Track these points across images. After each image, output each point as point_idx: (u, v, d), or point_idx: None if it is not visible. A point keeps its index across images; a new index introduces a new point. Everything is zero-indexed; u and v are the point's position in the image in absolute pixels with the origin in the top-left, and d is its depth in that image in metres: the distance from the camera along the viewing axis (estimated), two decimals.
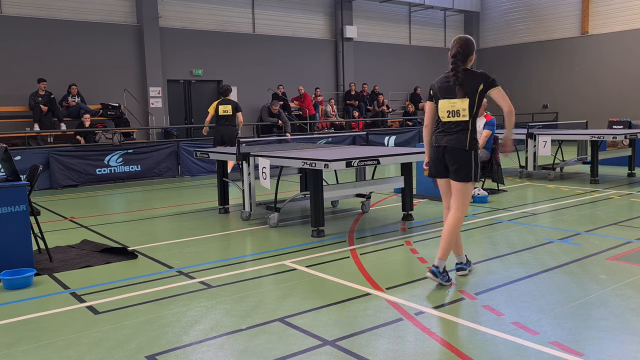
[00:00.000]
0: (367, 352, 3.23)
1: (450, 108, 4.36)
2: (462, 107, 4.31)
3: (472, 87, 4.29)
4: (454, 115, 4.36)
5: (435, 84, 4.49)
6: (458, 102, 4.32)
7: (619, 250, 5.29)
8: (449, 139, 4.39)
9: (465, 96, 4.30)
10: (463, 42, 4.35)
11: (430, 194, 8.76)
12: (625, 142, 11.19)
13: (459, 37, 4.42)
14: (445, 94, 4.38)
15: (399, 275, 4.76)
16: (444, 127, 4.44)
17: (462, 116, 4.33)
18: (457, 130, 4.36)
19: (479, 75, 4.33)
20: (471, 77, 4.31)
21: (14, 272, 4.75)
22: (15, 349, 3.42)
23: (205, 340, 3.47)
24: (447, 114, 4.38)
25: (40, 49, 14.04)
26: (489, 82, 4.30)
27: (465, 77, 4.30)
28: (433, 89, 4.50)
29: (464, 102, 4.30)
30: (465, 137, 4.35)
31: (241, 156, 6.90)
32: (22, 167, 9.15)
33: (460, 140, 4.35)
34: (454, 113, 4.35)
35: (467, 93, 4.29)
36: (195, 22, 16.61)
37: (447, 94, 4.37)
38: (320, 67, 19.32)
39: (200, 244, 6.14)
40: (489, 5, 23.43)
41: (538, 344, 3.27)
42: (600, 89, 20.22)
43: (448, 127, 4.40)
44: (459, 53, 4.31)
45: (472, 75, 4.32)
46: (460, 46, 4.33)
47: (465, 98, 4.30)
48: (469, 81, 4.30)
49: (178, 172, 12.89)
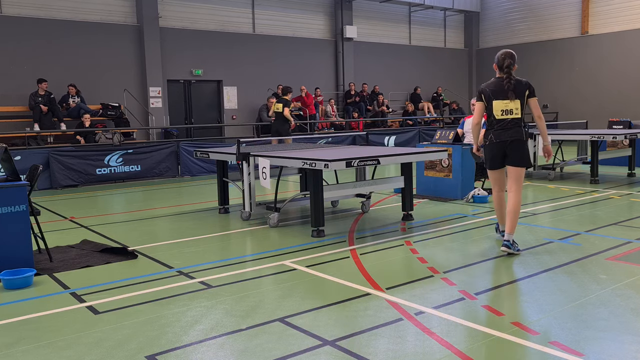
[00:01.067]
0: (367, 352, 3.23)
1: (504, 107, 5.33)
2: (515, 107, 5.31)
3: (522, 91, 5.32)
4: (508, 114, 5.32)
5: (487, 88, 5.42)
6: (511, 103, 5.31)
7: (619, 250, 5.29)
8: (510, 134, 5.33)
9: (517, 98, 5.30)
10: (512, 55, 5.39)
11: (430, 194, 8.77)
12: (625, 142, 11.18)
13: (507, 51, 5.41)
14: (499, 95, 5.34)
15: (399, 275, 4.76)
16: (500, 124, 5.37)
17: (515, 114, 5.32)
18: (513, 126, 5.33)
19: (525, 83, 5.38)
20: (519, 83, 5.35)
21: (14, 272, 4.75)
22: (15, 349, 3.42)
23: (205, 340, 3.47)
24: (501, 113, 5.34)
25: (40, 49, 14.04)
26: (532, 90, 5.39)
27: (515, 83, 5.32)
28: (484, 92, 5.42)
29: (517, 103, 5.31)
30: (522, 131, 5.36)
31: (241, 156, 6.90)
32: (22, 167, 9.15)
33: (520, 133, 5.34)
34: (508, 112, 5.32)
35: (518, 95, 5.30)
36: (195, 22, 16.61)
37: (500, 95, 5.33)
38: (320, 67, 19.33)
39: (200, 244, 6.14)
40: (489, 5, 23.43)
41: (538, 344, 3.27)
42: (600, 89, 20.22)
43: (505, 124, 5.35)
44: (511, 64, 5.33)
45: (519, 82, 5.35)
46: (510, 57, 5.35)
47: (517, 99, 5.30)
48: (519, 86, 5.32)
49: (178, 172, 12.89)
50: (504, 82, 5.31)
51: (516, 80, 5.33)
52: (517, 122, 5.32)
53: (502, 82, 5.32)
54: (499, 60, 5.39)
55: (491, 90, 5.36)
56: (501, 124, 5.33)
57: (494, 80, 5.44)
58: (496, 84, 5.38)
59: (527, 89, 5.32)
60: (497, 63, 5.41)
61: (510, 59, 5.35)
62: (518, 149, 5.34)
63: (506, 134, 5.32)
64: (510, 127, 5.32)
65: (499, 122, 5.34)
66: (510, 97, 5.28)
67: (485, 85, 5.48)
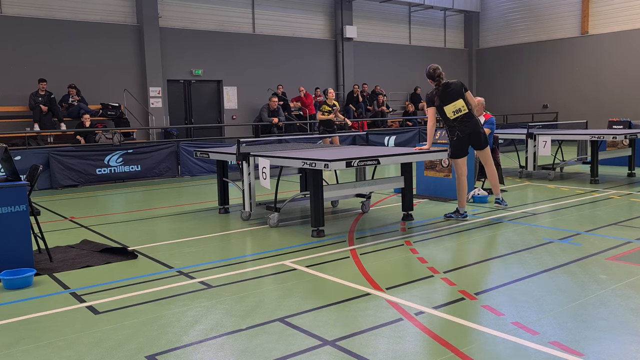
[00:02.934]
0: (367, 352, 3.23)
1: (454, 108, 6.74)
2: (461, 105, 6.75)
3: (459, 91, 6.76)
4: (458, 112, 6.75)
5: (434, 98, 6.80)
6: (457, 103, 6.74)
7: (619, 250, 5.29)
8: (469, 127, 6.79)
9: (458, 98, 6.74)
10: (438, 66, 6.84)
11: (430, 194, 8.77)
12: (625, 142, 11.18)
13: (434, 65, 6.84)
14: (446, 101, 6.75)
15: (399, 275, 4.76)
16: (457, 121, 6.78)
17: (463, 111, 6.75)
18: (468, 120, 6.77)
19: (458, 82, 6.82)
20: (454, 85, 6.78)
21: (14, 272, 4.75)
22: (15, 349, 3.42)
23: (205, 340, 3.47)
24: (453, 113, 6.74)
25: (40, 49, 14.04)
26: (465, 87, 6.84)
27: (452, 86, 6.75)
28: (434, 102, 6.82)
29: (461, 102, 6.74)
30: (476, 121, 6.91)
31: (241, 156, 6.90)
32: (22, 167, 9.15)
33: (476, 125, 6.87)
34: (457, 111, 6.75)
35: (459, 95, 6.76)
36: (195, 22, 16.61)
37: (447, 101, 6.76)
38: (320, 67, 19.32)
39: (200, 244, 6.14)
40: (489, 5, 23.42)
41: (538, 344, 3.27)
42: (600, 89, 20.22)
43: (461, 121, 6.76)
44: (440, 73, 6.77)
45: (454, 84, 6.78)
46: (439, 69, 6.79)
47: (460, 99, 6.74)
48: (455, 87, 6.76)
49: (178, 172, 12.89)
50: (440, 89, 6.74)
51: (451, 83, 6.74)
52: (469, 115, 6.75)
53: (440, 89, 6.74)
54: (430, 74, 6.77)
55: (439, 99, 6.75)
56: (459, 121, 6.74)
57: (435, 91, 6.79)
58: (438, 93, 6.76)
59: (461, 87, 6.77)
60: (430, 76, 6.78)
61: (439, 70, 6.79)
62: (479, 137, 6.88)
63: (467, 128, 6.75)
64: (467, 121, 6.74)
65: (455, 120, 6.75)
66: (455, 99, 6.71)
67: (431, 95, 6.85)
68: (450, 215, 7.02)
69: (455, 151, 6.83)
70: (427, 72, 6.84)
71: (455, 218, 6.95)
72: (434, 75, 6.77)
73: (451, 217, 6.99)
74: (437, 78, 6.72)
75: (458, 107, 6.68)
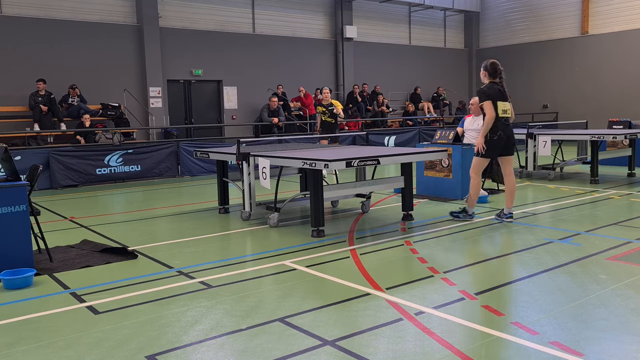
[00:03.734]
0: (367, 352, 3.23)
1: (504, 107, 6.51)
2: (510, 107, 6.60)
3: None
4: (505, 113, 6.56)
5: (490, 91, 6.48)
6: (507, 104, 6.55)
7: (619, 250, 5.29)
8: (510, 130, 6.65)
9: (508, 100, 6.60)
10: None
11: (430, 194, 8.77)
12: (625, 142, 11.18)
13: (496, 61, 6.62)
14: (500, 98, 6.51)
15: (399, 275, 4.76)
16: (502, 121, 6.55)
17: (509, 114, 6.60)
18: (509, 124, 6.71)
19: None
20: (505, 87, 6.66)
21: (14, 272, 4.75)
22: (15, 349, 3.42)
23: (205, 340, 3.47)
24: (502, 112, 6.50)
25: (40, 49, 14.03)
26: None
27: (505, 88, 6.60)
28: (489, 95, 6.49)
29: (510, 104, 6.62)
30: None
31: (241, 156, 6.90)
32: (22, 167, 9.15)
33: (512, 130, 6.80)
34: (505, 111, 6.56)
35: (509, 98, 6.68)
36: (195, 22, 16.61)
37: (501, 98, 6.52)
38: (320, 67, 19.32)
39: (200, 244, 6.14)
40: (489, 5, 23.42)
41: (538, 344, 3.27)
42: (600, 89, 20.22)
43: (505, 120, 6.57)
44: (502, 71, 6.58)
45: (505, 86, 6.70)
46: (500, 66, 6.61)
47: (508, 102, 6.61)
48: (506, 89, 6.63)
49: (178, 172, 12.89)
50: (499, 86, 6.51)
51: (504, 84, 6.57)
52: (509, 121, 6.60)
53: (499, 86, 6.50)
54: (491, 68, 6.52)
55: (494, 93, 6.45)
56: (503, 122, 6.49)
57: (490, 84, 6.51)
58: (493, 87, 6.49)
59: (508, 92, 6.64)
60: (489, 70, 6.52)
61: (500, 66, 6.56)
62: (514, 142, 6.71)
63: (509, 130, 6.58)
64: (509, 124, 6.57)
65: (501, 120, 6.47)
66: (507, 99, 6.53)
67: (487, 88, 6.50)
68: (457, 214, 6.92)
69: (490, 151, 6.54)
70: (486, 66, 6.57)
71: (462, 218, 6.85)
72: (495, 71, 6.52)
73: (458, 217, 6.90)
74: (500, 74, 6.53)
75: (507, 108, 6.50)
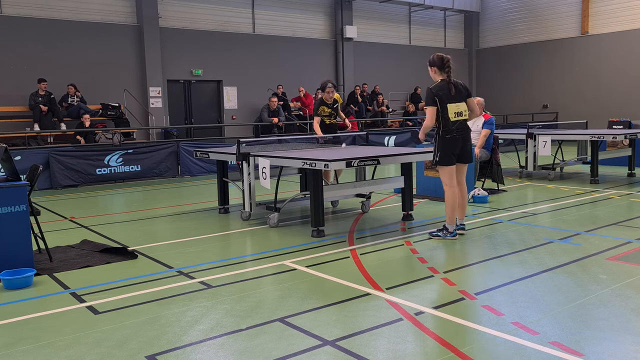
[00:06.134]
0: (367, 352, 3.23)
1: (457, 109, 5.68)
2: (464, 109, 5.75)
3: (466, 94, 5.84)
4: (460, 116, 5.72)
5: (439, 91, 5.62)
6: (461, 105, 5.72)
7: (619, 250, 5.29)
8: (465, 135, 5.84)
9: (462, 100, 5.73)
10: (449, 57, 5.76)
11: (430, 194, 8.77)
12: (625, 142, 11.18)
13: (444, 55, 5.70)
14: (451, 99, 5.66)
15: (399, 275, 4.76)
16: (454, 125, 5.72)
17: (464, 116, 5.75)
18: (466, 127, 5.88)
19: (463, 83, 5.89)
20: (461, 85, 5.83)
21: (14, 272, 4.75)
22: (15, 349, 3.42)
23: (205, 340, 3.47)
24: (455, 115, 5.67)
25: (40, 49, 14.04)
26: (470, 91, 5.94)
27: (460, 86, 5.77)
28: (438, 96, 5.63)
29: (464, 105, 5.76)
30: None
31: (241, 156, 6.90)
32: (22, 167, 9.16)
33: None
34: (459, 114, 5.72)
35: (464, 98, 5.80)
36: (195, 22, 16.61)
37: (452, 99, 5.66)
38: (320, 67, 19.32)
39: (200, 244, 6.14)
40: (489, 5, 23.43)
41: (538, 344, 3.27)
42: (600, 89, 20.23)
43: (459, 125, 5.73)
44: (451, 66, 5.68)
45: (460, 84, 5.84)
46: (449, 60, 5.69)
47: (463, 102, 5.74)
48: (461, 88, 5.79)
49: (178, 172, 12.88)
50: (449, 83, 5.65)
51: (458, 82, 5.73)
52: (466, 124, 5.80)
53: (449, 83, 5.65)
54: (437, 62, 5.66)
55: (444, 94, 5.62)
56: (457, 126, 5.70)
57: (441, 83, 5.65)
58: (443, 87, 5.65)
59: (467, 90, 5.81)
60: (435, 64, 5.67)
61: (450, 61, 5.65)
62: (470, 146, 5.94)
63: (464, 133, 5.80)
64: (463, 129, 5.76)
65: (454, 124, 5.68)
66: (460, 100, 5.69)
67: (434, 89, 5.64)
68: (437, 234, 5.93)
69: (446, 155, 5.72)
70: (432, 60, 5.68)
71: (442, 237, 5.86)
72: (442, 64, 5.60)
73: (438, 236, 5.91)
74: (447, 69, 5.59)
75: (460, 110, 5.63)
